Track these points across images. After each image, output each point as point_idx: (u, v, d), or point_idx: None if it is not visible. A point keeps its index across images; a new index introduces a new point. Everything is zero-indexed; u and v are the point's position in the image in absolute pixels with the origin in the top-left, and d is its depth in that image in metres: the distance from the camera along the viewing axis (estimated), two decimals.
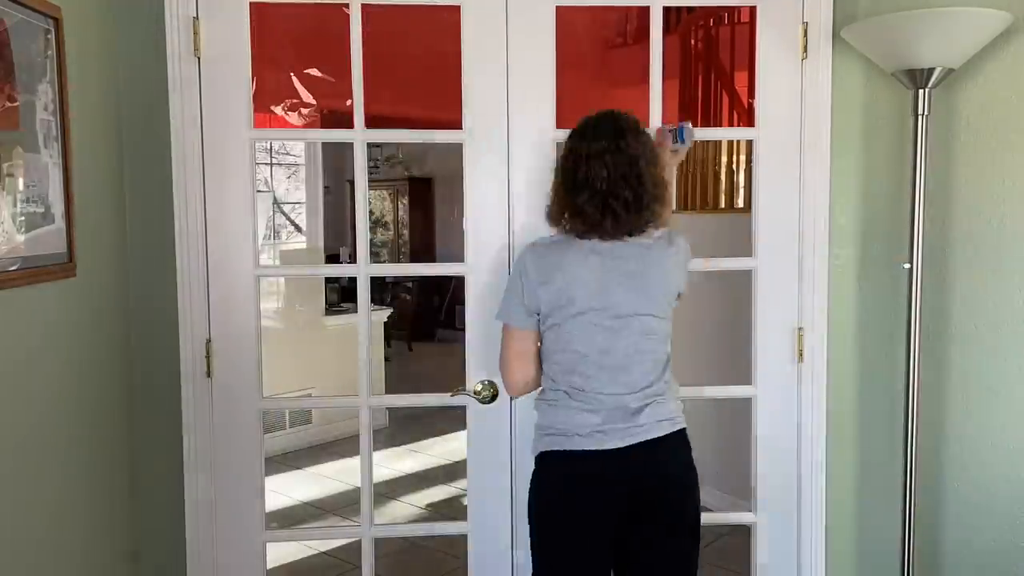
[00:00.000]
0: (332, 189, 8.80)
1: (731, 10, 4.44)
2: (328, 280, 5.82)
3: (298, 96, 4.88)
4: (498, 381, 2.16)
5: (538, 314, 1.85)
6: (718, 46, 4.71)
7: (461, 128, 2.14)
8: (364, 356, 2.20)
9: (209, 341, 2.13)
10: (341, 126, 4.08)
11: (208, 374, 2.14)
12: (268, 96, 4.74)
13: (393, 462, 5.01)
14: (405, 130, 2.39)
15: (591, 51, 6.01)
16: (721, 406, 3.64)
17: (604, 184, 1.75)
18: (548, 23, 2.11)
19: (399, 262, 9.53)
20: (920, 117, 1.96)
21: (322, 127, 5.06)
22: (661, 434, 1.80)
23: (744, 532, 2.34)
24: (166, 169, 2.07)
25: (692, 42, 4.81)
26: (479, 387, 2.16)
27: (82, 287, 1.89)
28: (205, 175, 2.09)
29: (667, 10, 2.17)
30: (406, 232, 9.71)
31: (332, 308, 5.69)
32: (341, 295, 6.06)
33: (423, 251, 9.54)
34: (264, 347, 2.18)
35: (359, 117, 2.11)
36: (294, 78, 4.83)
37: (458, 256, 2.20)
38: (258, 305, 2.17)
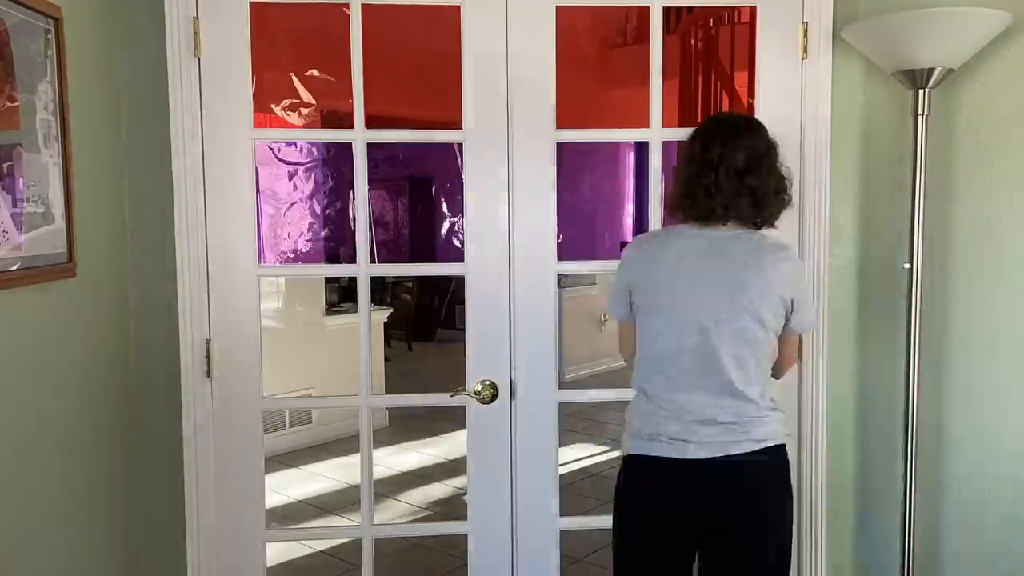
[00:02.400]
0: (332, 189, 8.80)
1: (731, 10, 4.44)
2: (328, 280, 5.82)
3: (298, 96, 4.89)
4: (498, 381, 2.17)
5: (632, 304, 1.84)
6: (718, 46, 4.71)
7: (461, 128, 2.14)
8: (364, 356, 2.20)
9: (209, 341, 2.13)
10: (341, 126, 4.08)
11: (208, 374, 2.14)
12: (268, 96, 4.75)
13: (393, 460, 5.02)
14: (405, 130, 2.39)
15: (591, 51, 6.02)
16: None
17: (731, 170, 1.73)
18: (548, 23, 2.11)
19: (399, 262, 9.53)
20: (920, 117, 1.96)
21: (322, 127, 5.06)
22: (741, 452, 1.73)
23: None
24: (166, 169, 2.07)
25: (692, 42, 4.81)
26: (479, 387, 2.16)
27: (82, 287, 1.89)
28: (205, 175, 2.09)
29: (667, 10, 2.17)
30: (406, 232, 9.71)
31: (332, 308, 5.69)
32: (341, 295, 6.06)
33: (423, 251, 9.54)
34: (264, 347, 2.18)
35: (359, 117, 2.11)
36: (294, 78, 4.83)
37: (458, 256, 2.20)
38: (258, 305, 2.17)
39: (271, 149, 5.20)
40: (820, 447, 2.24)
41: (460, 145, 2.16)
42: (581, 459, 4.97)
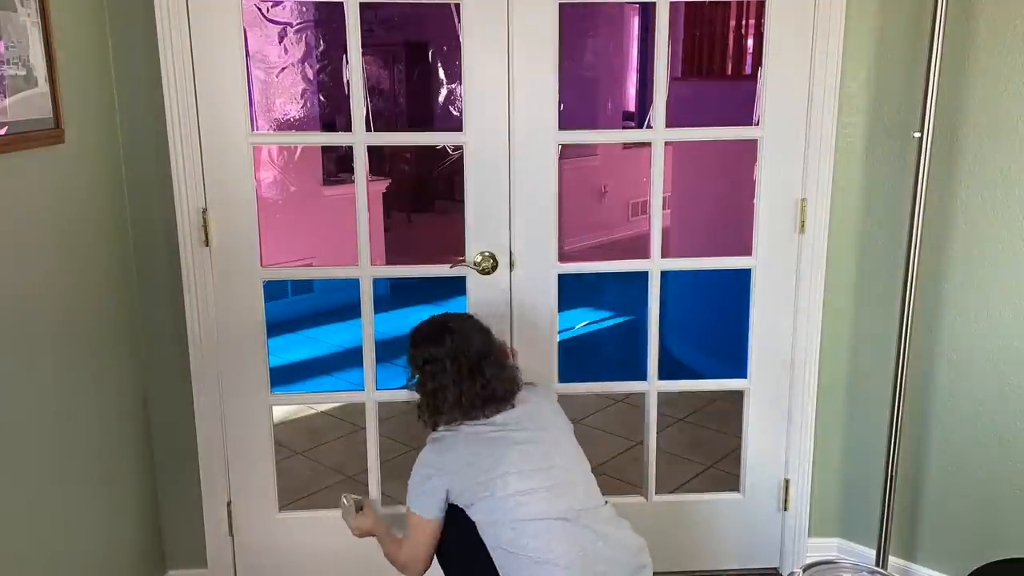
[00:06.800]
0: (325, 52, 8.50)
1: None
2: (325, 149, 5.71)
3: None
4: (497, 252, 2.16)
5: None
6: None
7: None
8: (363, 228, 2.18)
9: (205, 210, 2.10)
10: None
11: (206, 243, 2.12)
12: None
13: (393, 324, 5.10)
14: None
15: None
16: (719, 276, 3.65)
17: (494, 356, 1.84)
18: None
19: (396, 130, 9.33)
20: None
21: None
22: None
23: (737, 397, 2.40)
24: (151, 28, 1.98)
25: None
26: (478, 258, 2.16)
27: (71, 153, 1.84)
28: (191, 38, 2.00)
29: None
30: (403, 99, 9.45)
31: (331, 178, 5.62)
32: (339, 165, 5.97)
33: (421, 119, 9.31)
34: (262, 217, 2.16)
35: None
36: None
37: (457, 125, 2.14)
38: (253, 173, 2.13)
39: (259, 8, 4.96)
40: (815, 317, 2.26)
41: (458, 6, 2.06)
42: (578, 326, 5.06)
